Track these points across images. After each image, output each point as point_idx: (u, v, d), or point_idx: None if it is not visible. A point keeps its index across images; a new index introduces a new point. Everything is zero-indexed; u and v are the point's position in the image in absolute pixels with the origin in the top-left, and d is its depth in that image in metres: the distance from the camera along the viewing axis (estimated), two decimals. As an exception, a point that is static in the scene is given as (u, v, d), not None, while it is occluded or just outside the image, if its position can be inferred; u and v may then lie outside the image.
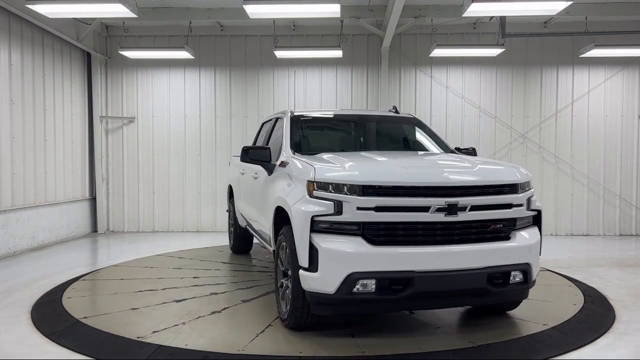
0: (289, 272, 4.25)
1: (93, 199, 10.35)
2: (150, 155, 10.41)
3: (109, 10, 7.04)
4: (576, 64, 10.05)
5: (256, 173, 5.71)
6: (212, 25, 9.95)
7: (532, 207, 4.23)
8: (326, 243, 3.78)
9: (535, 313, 4.81)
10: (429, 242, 3.85)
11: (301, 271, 3.91)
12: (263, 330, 4.33)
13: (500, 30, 9.14)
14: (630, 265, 7.22)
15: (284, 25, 9.92)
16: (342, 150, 5.25)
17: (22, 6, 7.31)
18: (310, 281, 3.84)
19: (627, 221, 10.16)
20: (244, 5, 6.82)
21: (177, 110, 10.37)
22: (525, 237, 4.12)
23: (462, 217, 3.85)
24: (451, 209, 3.81)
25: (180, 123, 10.37)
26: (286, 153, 4.95)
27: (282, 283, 4.47)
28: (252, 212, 6.06)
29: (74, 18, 8.96)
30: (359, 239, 3.78)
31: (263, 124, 6.93)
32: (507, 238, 4.07)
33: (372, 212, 3.77)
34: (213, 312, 4.82)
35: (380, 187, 3.81)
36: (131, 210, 10.45)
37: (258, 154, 5.08)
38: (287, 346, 4.01)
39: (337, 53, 9.35)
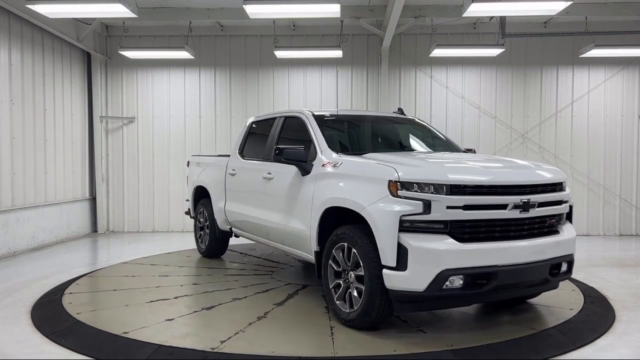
0: (353, 272, 4.28)
1: (93, 199, 10.35)
2: (150, 155, 10.41)
3: (109, 10, 7.05)
4: (576, 64, 10.05)
5: (269, 173, 5.60)
6: (212, 25, 9.96)
7: (570, 203, 4.65)
8: (417, 242, 3.83)
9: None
10: (505, 238, 4.09)
11: (386, 270, 3.92)
12: (332, 333, 4.24)
13: (500, 30, 9.14)
14: (630, 265, 7.22)
15: (284, 25, 9.92)
16: (376, 151, 5.15)
17: (22, 6, 7.31)
18: (396, 280, 3.88)
19: (627, 221, 10.16)
20: (244, 5, 6.82)
21: (177, 110, 10.37)
22: (568, 230, 4.54)
23: (531, 213, 4.15)
24: (525, 206, 4.09)
25: (180, 123, 10.37)
26: (327, 153, 4.89)
27: (339, 284, 4.45)
28: (262, 214, 5.82)
29: (74, 18, 8.96)
30: (447, 237, 3.88)
31: (253, 123, 6.64)
32: (557, 232, 4.46)
33: (461, 210, 3.90)
34: (259, 318, 4.61)
35: (466, 186, 3.96)
36: (131, 210, 10.45)
37: (295, 154, 4.98)
38: (377, 345, 3.95)
39: (337, 53, 9.35)
